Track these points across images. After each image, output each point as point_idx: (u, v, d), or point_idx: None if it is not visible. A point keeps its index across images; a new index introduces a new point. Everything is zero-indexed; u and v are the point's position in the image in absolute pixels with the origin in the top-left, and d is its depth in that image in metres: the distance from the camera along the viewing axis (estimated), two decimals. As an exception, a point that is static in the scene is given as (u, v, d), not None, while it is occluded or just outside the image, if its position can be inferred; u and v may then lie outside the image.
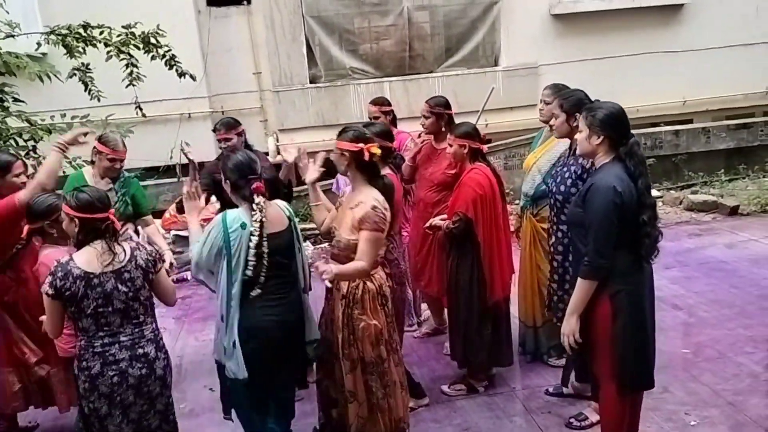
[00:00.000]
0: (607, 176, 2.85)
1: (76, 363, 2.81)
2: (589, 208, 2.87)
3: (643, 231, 2.85)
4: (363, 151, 3.12)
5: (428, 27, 9.04)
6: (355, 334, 3.19)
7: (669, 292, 5.38)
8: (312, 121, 8.75)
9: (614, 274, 2.88)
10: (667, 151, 8.92)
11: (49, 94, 6.21)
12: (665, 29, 9.47)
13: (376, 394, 3.25)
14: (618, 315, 2.89)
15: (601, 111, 2.91)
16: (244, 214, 2.93)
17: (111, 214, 2.82)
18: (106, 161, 4.10)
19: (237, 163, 2.99)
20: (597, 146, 2.92)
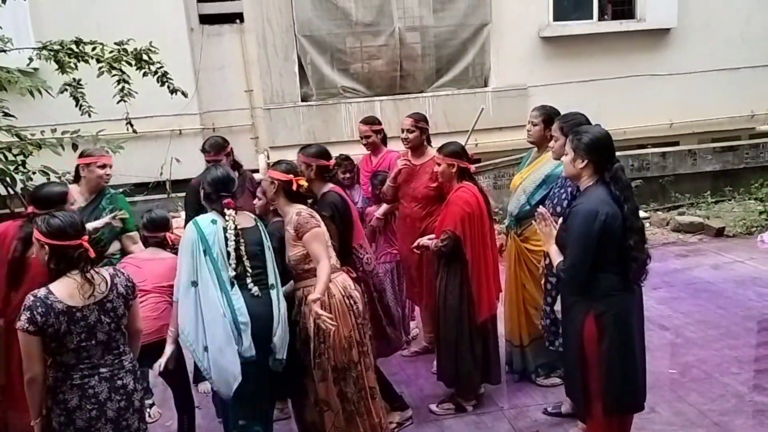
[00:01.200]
0: (588, 200, 2.90)
1: (50, 396, 2.63)
2: (569, 231, 2.93)
3: (630, 255, 2.89)
4: (292, 182, 3.40)
5: (419, 47, 9.12)
6: (326, 342, 3.27)
7: (656, 313, 5.41)
8: (303, 139, 8.76)
9: (600, 296, 2.91)
10: (654, 172, 9.01)
11: (39, 109, 6.21)
12: (652, 53, 9.61)
13: (351, 399, 3.31)
14: (604, 336, 2.91)
15: (586, 135, 2.96)
16: (213, 215, 3.21)
17: (84, 241, 2.64)
18: (97, 170, 4.04)
19: (214, 178, 3.30)
20: (581, 170, 2.97)
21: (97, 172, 4.05)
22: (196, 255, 3.10)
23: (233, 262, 3.12)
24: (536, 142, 4.15)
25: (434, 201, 4.50)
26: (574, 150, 2.97)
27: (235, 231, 3.13)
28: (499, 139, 8.87)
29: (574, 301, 3.02)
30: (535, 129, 4.08)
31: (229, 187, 3.29)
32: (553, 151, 3.67)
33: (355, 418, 3.34)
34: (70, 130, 6.03)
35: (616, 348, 2.93)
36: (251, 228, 3.28)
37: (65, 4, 7.23)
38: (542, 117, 4.03)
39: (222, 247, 3.12)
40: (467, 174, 4.00)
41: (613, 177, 2.92)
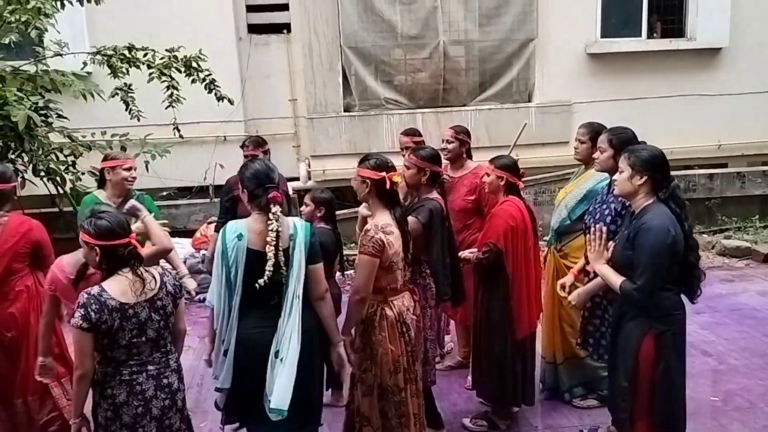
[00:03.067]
0: (657, 217, 2.85)
1: (98, 390, 2.70)
2: (639, 249, 2.85)
3: (694, 272, 2.90)
4: (384, 179, 3.14)
5: (463, 61, 9.11)
6: (373, 359, 3.18)
7: (699, 338, 5.26)
8: (344, 148, 8.83)
9: (660, 315, 2.87)
10: (701, 194, 8.81)
11: (91, 112, 6.41)
12: (702, 72, 9.41)
13: (390, 421, 3.22)
14: (661, 356, 2.87)
15: (645, 152, 2.93)
16: (243, 225, 2.89)
17: (132, 239, 2.71)
18: (122, 172, 4.06)
19: (255, 171, 2.96)
20: (639, 186, 2.92)
21: (122, 174, 4.07)
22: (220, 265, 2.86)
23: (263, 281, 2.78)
24: (583, 160, 4.10)
25: (472, 214, 4.48)
26: (632, 167, 2.92)
27: (276, 236, 2.79)
28: (542, 155, 8.78)
29: (629, 319, 2.96)
30: (583, 147, 4.03)
31: (271, 177, 2.95)
32: (597, 162, 3.61)
33: None
34: (119, 133, 6.21)
35: (673, 369, 2.90)
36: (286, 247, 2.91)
37: (120, 12, 7.44)
38: (590, 134, 3.98)
39: (240, 266, 2.82)
40: (515, 189, 3.95)
41: (671, 195, 2.90)
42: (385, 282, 3.18)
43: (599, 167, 3.63)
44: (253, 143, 4.79)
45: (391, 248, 3.10)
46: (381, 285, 3.18)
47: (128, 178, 4.10)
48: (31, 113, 5.22)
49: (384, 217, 3.16)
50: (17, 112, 5.12)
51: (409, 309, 3.28)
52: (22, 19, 5.22)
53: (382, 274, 3.15)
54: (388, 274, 3.17)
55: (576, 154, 4.12)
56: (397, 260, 3.17)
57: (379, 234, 3.07)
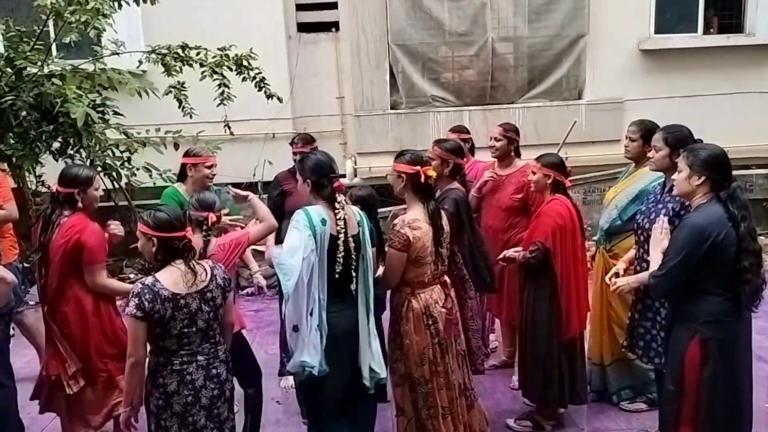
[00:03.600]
0: (699, 216, 2.81)
1: (150, 379, 2.78)
2: (672, 242, 2.86)
3: (744, 277, 2.77)
4: (419, 173, 3.19)
5: (512, 58, 9.01)
6: (402, 350, 3.25)
7: (755, 343, 5.00)
8: (390, 146, 8.84)
9: (708, 321, 2.80)
10: (759, 195, 8.51)
11: (145, 109, 6.57)
12: (761, 68, 9.08)
13: (421, 411, 3.27)
14: (707, 362, 2.80)
15: (704, 151, 2.86)
16: (323, 212, 2.96)
17: (188, 233, 2.80)
18: (204, 169, 4.17)
19: (318, 161, 3.08)
20: (697, 187, 2.85)
21: (204, 171, 4.19)
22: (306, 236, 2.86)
23: (339, 267, 2.92)
24: (634, 158, 4.02)
25: (518, 212, 4.44)
26: (690, 166, 2.86)
27: (345, 225, 2.93)
28: (592, 153, 8.62)
29: (678, 322, 2.91)
30: (634, 145, 3.94)
31: (334, 168, 3.08)
32: (652, 161, 3.53)
33: (422, 429, 3.31)
34: (172, 130, 6.36)
35: (720, 376, 2.82)
36: (355, 235, 3.05)
37: (174, 12, 7.62)
38: (641, 132, 3.90)
39: (324, 250, 2.91)
40: (561, 187, 3.91)
41: (731, 196, 2.82)
42: (413, 275, 3.25)
43: (654, 166, 3.56)
44: (302, 140, 4.85)
45: (418, 242, 3.17)
46: (409, 278, 3.25)
47: (209, 176, 4.22)
48: (90, 110, 5.39)
49: (415, 212, 3.24)
50: (76, 109, 5.29)
51: (438, 302, 3.31)
52: (82, 19, 5.38)
53: (410, 268, 3.23)
54: (416, 267, 3.23)
55: (626, 152, 4.04)
56: (425, 254, 3.22)
57: (405, 229, 3.16)
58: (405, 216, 3.25)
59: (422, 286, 3.27)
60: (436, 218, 3.26)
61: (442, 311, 3.31)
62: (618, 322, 4.01)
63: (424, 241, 3.20)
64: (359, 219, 3.13)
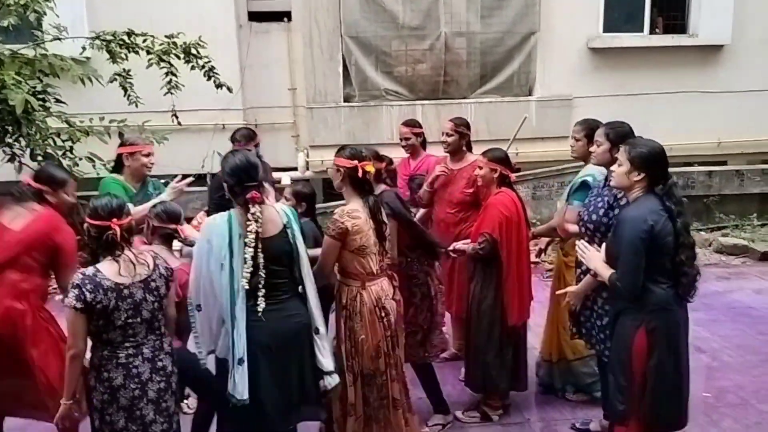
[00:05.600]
0: (637, 209, 2.88)
1: (94, 374, 2.71)
2: (617, 241, 2.90)
3: (681, 270, 2.87)
4: (357, 167, 3.21)
5: (464, 53, 9.08)
6: (356, 347, 3.24)
7: (693, 334, 5.10)
8: (343, 139, 8.79)
9: (653, 309, 2.87)
10: (699, 191, 8.80)
11: (89, 97, 6.37)
12: (703, 69, 9.39)
13: (372, 405, 3.28)
14: (654, 351, 2.88)
15: (644, 148, 2.92)
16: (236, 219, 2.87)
17: (114, 224, 2.66)
18: (141, 158, 4.05)
19: (235, 166, 2.89)
20: (635, 182, 2.92)
21: (141, 160, 4.07)
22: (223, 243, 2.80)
23: (247, 272, 2.77)
24: (580, 157, 4.08)
25: (470, 206, 4.47)
26: (630, 161, 2.92)
27: (255, 238, 2.78)
28: (541, 149, 8.78)
29: (624, 312, 2.96)
30: (579, 144, 3.99)
31: (252, 174, 2.87)
32: (593, 156, 3.60)
33: (371, 423, 3.31)
34: (117, 119, 6.18)
35: (665, 364, 2.89)
36: (273, 236, 2.91)
37: (120, -3, 7.42)
38: (585, 131, 3.94)
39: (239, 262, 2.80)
40: (507, 181, 3.97)
41: (667, 192, 2.90)
42: (360, 267, 3.24)
43: (595, 161, 3.62)
44: (244, 137, 4.60)
45: (357, 232, 3.17)
46: (356, 270, 3.25)
47: (147, 164, 4.09)
48: (29, 97, 5.18)
49: (353, 204, 3.25)
50: (15, 95, 5.08)
51: (388, 295, 3.32)
52: (21, 2, 5.18)
53: (354, 258, 3.23)
54: (361, 258, 3.23)
55: (572, 152, 4.10)
56: (369, 244, 3.22)
57: (344, 218, 3.16)
58: (345, 207, 3.26)
59: (372, 277, 3.27)
60: (376, 212, 3.28)
61: (393, 303, 3.33)
62: (564, 324, 4.07)
63: (366, 231, 3.20)
64: (286, 220, 3.00)
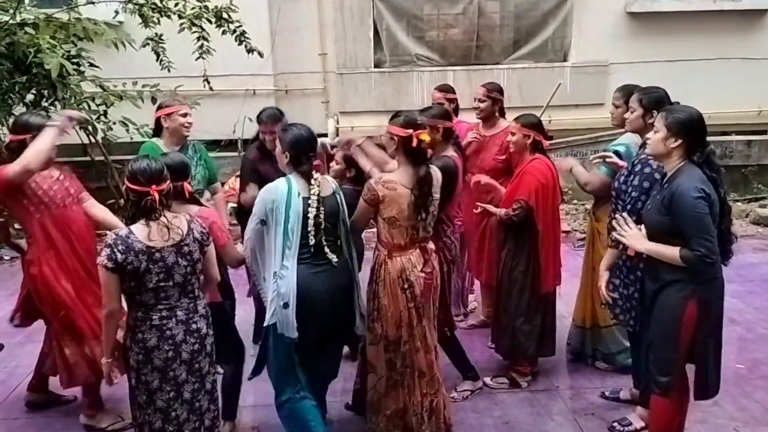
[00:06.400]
0: (690, 181, 2.77)
1: (130, 335, 2.76)
2: (681, 215, 2.77)
3: (726, 238, 2.86)
4: (412, 136, 3.14)
5: (498, 18, 8.90)
6: (379, 311, 3.26)
7: (727, 306, 4.98)
8: (373, 105, 8.76)
9: (704, 280, 2.83)
10: (737, 161, 8.58)
11: (122, 62, 6.42)
12: (745, 35, 9.07)
13: (398, 370, 3.30)
14: (704, 321, 2.85)
15: (682, 114, 2.84)
16: (295, 184, 3.02)
17: (153, 190, 2.67)
18: (179, 118, 4.03)
19: (299, 138, 3.06)
20: (672, 149, 2.84)
21: (179, 120, 4.04)
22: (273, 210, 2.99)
23: (312, 231, 2.98)
24: (620, 124, 3.98)
25: (502, 173, 4.42)
26: (668, 127, 2.83)
27: (318, 199, 3.00)
28: (575, 117, 8.61)
29: (670, 285, 2.88)
30: (618, 111, 3.89)
31: (314, 145, 3.10)
32: (628, 122, 3.52)
33: (397, 388, 3.33)
34: (150, 83, 6.22)
35: (711, 335, 2.88)
36: (330, 196, 3.11)
37: (152, -40, 7.39)
38: (624, 98, 3.84)
39: (300, 221, 2.98)
40: (540, 147, 3.91)
41: (706, 160, 2.82)
42: (389, 236, 3.23)
43: (629, 127, 3.55)
44: (271, 118, 4.34)
45: (389, 202, 3.15)
46: (384, 238, 3.25)
47: (185, 124, 4.07)
48: (64, 61, 5.24)
49: (395, 175, 3.21)
50: (50, 60, 5.14)
51: (416, 266, 3.26)
52: (55, -34, 5.21)
53: (385, 227, 3.22)
54: (391, 228, 3.21)
55: (612, 119, 4.00)
56: (401, 217, 3.17)
57: (378, 186, 3.15)
58: (383, 174, 3.24)
59: (399, 249, 3.24)
60: (423, 184, 3.20)
61: (420, 275, 3.27)
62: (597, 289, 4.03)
63: (399, 203, 3.15)
64: (335, 185, 3.22)
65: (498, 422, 3.73)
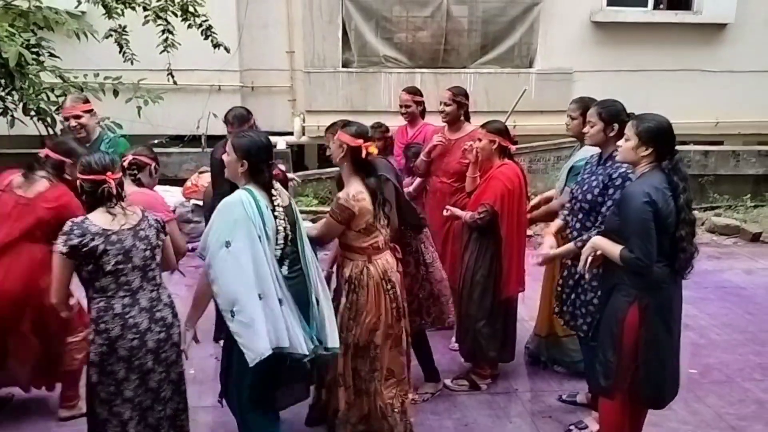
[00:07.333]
0: (641, 185, 2.86)
1: (93, 327, 2.73)
2: (624, 216, 2.86)
3: (680, 246, 2.86)
4: (361, 147, 3.15)
5: (466, 22, 8.97)
6: (356, 320, 3.23)
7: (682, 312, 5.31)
8: (340, 105, 8.74)
9: (648, 287, 2.87)
10: (695, 170, 8.78)
11: (84, 53, 6.27)
12: (705, 47, 9.32)
13: (363, 377, 3.29)
14: (645, 325, 2.89)
15: (652, 122, 2.89)
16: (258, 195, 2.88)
17: (109, 177, 2.72)
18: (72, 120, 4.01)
19: (258, 144, 2.91)
20: (642, 157, 2.90)
21: (71, 122, 4.01)
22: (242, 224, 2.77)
23: (281, 242, 2.88)
24: (576, 136, 4.05)
25: (466, 177, 4.45)
26: (638, 136, 2.89)
27: (283, 209, 2.91)
28: (539, 123, 8.72)
29: (617, 288, 2.95)
30: (574, 123, 3.95)
31: (270, 153, 2.97)
32: (588, 136, 3.56)
33: (361, 396, 3.33)
34: (112, 76, 6.09)
35: (656, 339, 2.92)
36: (288, 207, 3.01)
37: (117, -50, 7.24)
38: (581, 110, 3.89)
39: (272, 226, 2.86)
40: (507, 153, 3.95)
41: (673, 168, 2.88)
42: (367, 242, 3.24)
43: (590, 141, 3.59)
44: (238, 119, 4.19)
45: (364, 215, 3.16)
46: (362, 245, 3.24)
47: (76, 126, 3.97)
48: (23, 50, 5.09)
49: (356, 186, 3.20)
50: (8, 48, 4.99)
51: (393, 267, 3.32)
52: (15, -49, 5.06)
53: (360, 237, 3.22)
54: (369, 235, 3.23)
55: (568, 130, 4.07)
56: (377, 222, 3.21)
57: (350, 203, 3.13)
58: (349, 189, 3.20)
59: (378, 251, 3.27)
60: (376, 191, 3.23)
61: (397, 275, 3.33)
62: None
63: (369, 210, 3.18)
64: (290, 195, 3.18)
65: (458, 424, 3.76)
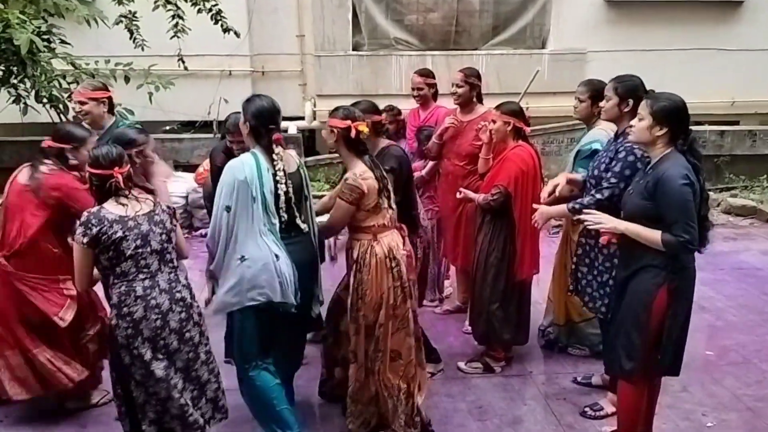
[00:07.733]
0: (676, 167, 2.78)
1: (115, 312, 2.76)
2: (665, 200, 2.77)
3: (704, 224, 2.86)
4: (350, 128, 3.18)
5: (477, 2, 8.86)
6: (363, 299, 3.26)
7: (698, 294, 5.07)
8: (351, 89, 8.69)
9: (677, 268, 2.85)
10: (710, 151, 8.69)
11: (95, 39, 6.28)
12: (721, 25, 9.17)
13: (369, 357, 3.31)
14: (673, 307, 2.87)
15: (667, 102, 2.84)
16: (263, 159, 3.00)
17: (116, 172, 2.74)
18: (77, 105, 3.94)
19: (261, 108, 3.03)
20: (657, 137, 2.85)
21: (76, 108, 3.96)
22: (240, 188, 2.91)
23: (283, 206, 3.00)
24: (583, 119, 4.00)
25: (478, 159, 4.42)
26: (653, 115, 2.84)
27: (284, 174, 2.99)
28: (552, 104, 8.63)
29: (644, 270, 2.90)
30: (582, 105, 3.90)
31: (276, 119, 3.06)
32: (604, 110, 3.51)
33: (368, 375, 3.34)
34: (123, 62, 6.09)
35: (678, 319, 2.91)
36: (294, 172, 3.12)
37: (126, -65, 7.21)
38: (589, 93, 3.84)
39: (271, 191, 2.98)
40: (522, 135, 3.91)
41: (689, 148, 2.84)
42: (373, 221, 3.26)
43: (605, 116, 3.54)
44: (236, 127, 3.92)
45: (372, 192, 3.20)
46: (368, 225, 3.26)
47: (81, 111, 3.90)
48: (34, 37, 5.10)
49: (360, 166, 3.24)
50: (20, 35, 5.00)
51: (399, 245, 3.32)
52: (24, -62, 5.05)
53: (368, 216, 3.24)
54: (375, 214, 3.25)
55: (575, 113, 4.01)
56: (382, 200, 3.25)
57: (359, 182, 3.16)
58: (354, 170, 3.24)
59: (383, 229, 3.29)
60: (374, 169, 3.27)
61: (403, 254, 3.33)
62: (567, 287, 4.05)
63: (375, 188, 3.22)
64: (299, 163, 3.23)
65: (471, 407, 3.76)
